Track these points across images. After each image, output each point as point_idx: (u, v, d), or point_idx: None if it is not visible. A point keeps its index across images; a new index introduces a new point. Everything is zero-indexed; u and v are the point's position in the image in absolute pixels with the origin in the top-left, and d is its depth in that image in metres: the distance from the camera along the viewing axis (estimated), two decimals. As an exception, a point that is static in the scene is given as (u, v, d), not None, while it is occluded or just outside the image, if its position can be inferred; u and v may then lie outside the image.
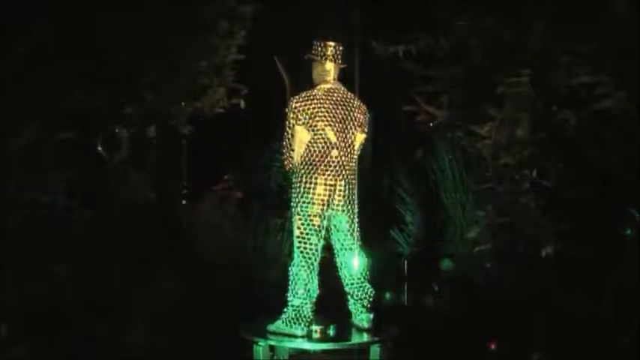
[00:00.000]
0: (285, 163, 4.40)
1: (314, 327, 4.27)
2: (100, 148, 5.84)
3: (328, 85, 4.27)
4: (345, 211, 4.23)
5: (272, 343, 4.15)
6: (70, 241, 4.94)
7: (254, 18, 5.90)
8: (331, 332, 4.26)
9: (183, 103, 5.87)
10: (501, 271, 5.22)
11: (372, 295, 4.31)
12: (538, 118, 4.80)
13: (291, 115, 4.23)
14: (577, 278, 4.57)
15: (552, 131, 4.76)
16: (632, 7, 4.29)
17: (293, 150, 4.29)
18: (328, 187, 4.16)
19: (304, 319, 4.16)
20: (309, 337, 4.21)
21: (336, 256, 4.36)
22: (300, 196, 4.18)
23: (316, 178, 4.16)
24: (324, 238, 4.30)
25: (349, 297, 4.33)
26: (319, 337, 4.22)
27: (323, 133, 4.17)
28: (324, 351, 4.21)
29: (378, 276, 4.66)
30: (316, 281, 4.21)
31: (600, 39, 4.44)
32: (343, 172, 4.20)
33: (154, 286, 5.22)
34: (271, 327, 4.21)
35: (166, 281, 5.34)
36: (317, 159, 4.18)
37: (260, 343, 4.13)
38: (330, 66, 4.28)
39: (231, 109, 6.00)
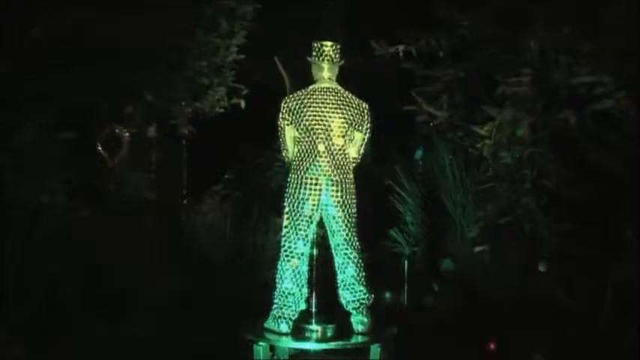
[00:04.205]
0: (286, 161, 4.45)
1: (314, 327, 4.27)
2: (100, 148, 5.85)
3: (322, 85, 4.28)
4: (340, 212, 4.20)
5: (272, 343, 4.16)
6: (70, 241, 4.94)
7: (254, 18, 5.90)
8: (331, 332, 4.27)
9: (183, 103, 5.87)
10: (501, 271, 5.22)
11: (365, 299, 4.26)
12: (538, 118, 4.80)
13: (280, 115, 4.29)
14: (577, 278, 4.57)
15: (552, 131, 4.76)
16: (632, 7, 4.30)
17: (287, 149, 4.35)
18: (315, 188, 4.16)
19: (287, 317, 4.18)
20: (308, 337, 4.22)
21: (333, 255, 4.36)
22: (290, 196, 4.21)
23: (303, 178, 4.17)
24: (323, 237, 4.31)
25: (342, 298, 4.31)
26: (319, 337, 4.23)
27: (309, 132, 4.19)
28: (324, 351, 4.21)
29: (377, 276, 4.66)
30: (302, 280, 4.21)
31: (600, 39, 4.44)
32: (331, 172, 4.17)
33: (154, 285, 5.23)
34: (264, 325, 4.24)
35: (166, 281, 5.34)
36: (305, 158, 4.19)
37: (260, 343, 4.13)
38: (325, 66, 4.28)
39: (231, 109, 6.01)
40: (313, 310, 4.34)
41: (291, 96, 4.31)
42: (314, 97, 4.23)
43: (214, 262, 5.91)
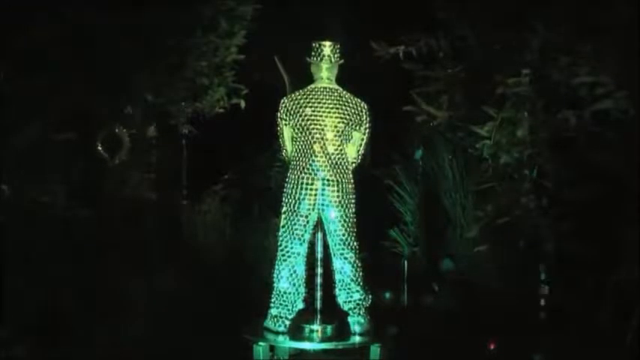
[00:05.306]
0: (285, 160, 4.46)
1: (314, 327, 4.28)
2: (100, 148, 5.85)
3: (320, 85, 4.28)
4: (337, 213, 4.19)
5: (272, 343, 4.16)
6: (70, 241, 4.94)
7: (254, 18, 5.90)
8: (331, 332, 4.27)
9: (183, 103, 5.87)
10: (501, 271, 5.22)
11: (361, 300, 4.26)
12: (538, 118, 4.80)
13: (279, 115, 4.32)
14: (577, 278, 4.57)
15: (552, 131, 4.76)
16: (632, 7, 4.30)
17: (286, 149, 4.36)
18: (312, 187, 4.16)
19: (284, 317, 4.21)
20: (308, 337, 4.23)
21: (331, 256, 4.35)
22: (287, 195, 4.22)
23: (300, 178, 4.18)
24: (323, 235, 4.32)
25: (339, 299, 4.31)
26: (319, 337, 4.23)
27: (305, 132, 4.19)
28: (324, 351, 4.21)
29: (377, 276, 4.66)
30: (299, 280, 4.23)
31: (600, 39, 4.44)
32: (328, 172, 4.17)
33: (153, 286, 5.23)
34: (263, 325, 4.27)
35: (166, 281, 5.34)
36: (301, 158, 4.20)
37: (260, 343, 4.13)
38: (324, 66, 4.29)
39: (231, 109, 6.01)
40: (315, 309, 4.35)
41: (289, 96, 4.34)
42: (311, 97, 4.25)
43: (214, 262, 5.90)
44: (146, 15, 5.11)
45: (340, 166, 4.21)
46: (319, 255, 4.39)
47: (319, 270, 4.39)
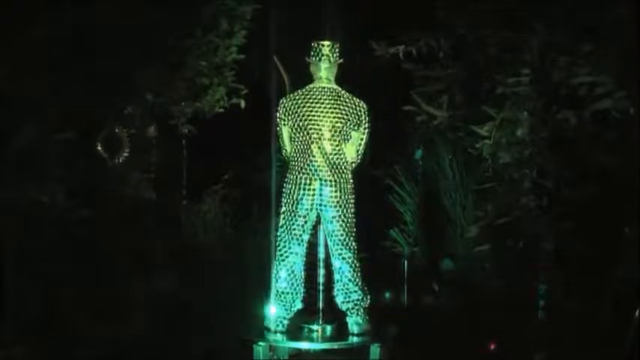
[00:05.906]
0: (285, 160, 4.46)
1: (314, 327, 4.28)
2: (100, 148, 5.85)
3: (319, 85, 4.27)
4: (336, 213, 4.17)
5: (272, 343, 4.16)
6: (70, 241, 4.94)
7: (254, 18, 5.91)
8: (331, 332, 4.27)
9: (183, 103, 5.87)
10: (501, 271, 5.22)
11: (360, 300, 4.25)
12: (538, 118, 4.80)
13: (278, 115, 4.31)
14: (577, 278, 4.58)
15: (552, 131, 4.76)
16: (632, 7, 4.30)
17: (285, 149, 4.36)
18: (310, 188, 4.15)
19: (282, 317, 4.23)
20: (308, 337, 4.23)
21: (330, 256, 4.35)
22: (286, 196, 4.22)
23: (298, 178, 4.17)
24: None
25: (337, 299, 4.31)
26: (319, 337, 4.23)
27: (303, 132, 4.19)
28: (324, 351, 4.21)
29: (377, 276, 4.66)
30: (297, 280, 4.23)
31: (600, 39, 4.45)
32: (326, 172, 4.16)
33: (153, 286, 5.23)
34: (263, 325, 4.28)
35: (166, 281, 5.34)
36: (299, 158, 4.20)
37: (260, 343, 4.13)
38: (322, 65, 4.28)
39: (231, 109, 6.01)
40: (315, 309, 4.35)
41: (288, 96, 4.33)
42: (309, 96, 4.24)
43: (214, 262, 5.90)
44: (146, 15, 5.11)
45: (338, 166, 4.20)
46: (321, 255, 4.38)
47: (321, 270, 4.38)
